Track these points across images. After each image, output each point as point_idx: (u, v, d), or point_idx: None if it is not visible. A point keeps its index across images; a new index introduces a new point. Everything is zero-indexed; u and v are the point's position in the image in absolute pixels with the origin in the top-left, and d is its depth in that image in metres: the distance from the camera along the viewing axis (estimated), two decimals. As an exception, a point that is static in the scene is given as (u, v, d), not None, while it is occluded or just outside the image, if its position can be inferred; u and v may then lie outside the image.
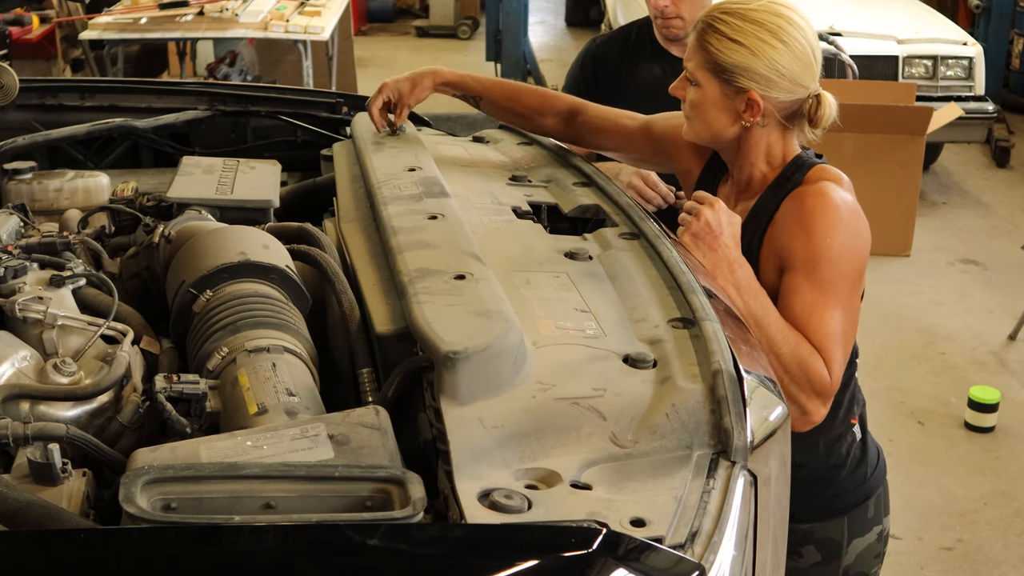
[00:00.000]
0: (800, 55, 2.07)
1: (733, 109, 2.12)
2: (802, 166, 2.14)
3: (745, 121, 2.11)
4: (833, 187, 2.09)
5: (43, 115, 2.87)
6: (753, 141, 2.14)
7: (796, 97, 2.10)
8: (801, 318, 2.01)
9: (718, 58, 2.09)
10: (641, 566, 1.20)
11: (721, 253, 2.03)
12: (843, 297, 2.04)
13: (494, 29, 8.54)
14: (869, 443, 2.30)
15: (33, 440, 1.50)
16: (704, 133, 2.18)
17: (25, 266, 1.92)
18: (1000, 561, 3.74)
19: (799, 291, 2.03)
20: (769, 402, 1.63)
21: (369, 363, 1.74)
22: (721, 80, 2.10)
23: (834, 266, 2.03)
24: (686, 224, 2.06)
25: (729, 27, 2.08)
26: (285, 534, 1.22)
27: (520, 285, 1.77)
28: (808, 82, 2.09)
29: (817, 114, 2.11)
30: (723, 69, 2.09)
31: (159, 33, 6.45)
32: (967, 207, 6.94)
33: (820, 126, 2.13)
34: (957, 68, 6.69)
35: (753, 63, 2.06)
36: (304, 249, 2.02)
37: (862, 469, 2.26)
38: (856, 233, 2.08)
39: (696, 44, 2.13)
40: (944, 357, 5.07)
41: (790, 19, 2.09)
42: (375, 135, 2.48)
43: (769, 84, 2.08)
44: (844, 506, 2.26)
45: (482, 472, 1.37)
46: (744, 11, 2.09)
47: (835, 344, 2.02)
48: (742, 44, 2.07)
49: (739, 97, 2.10)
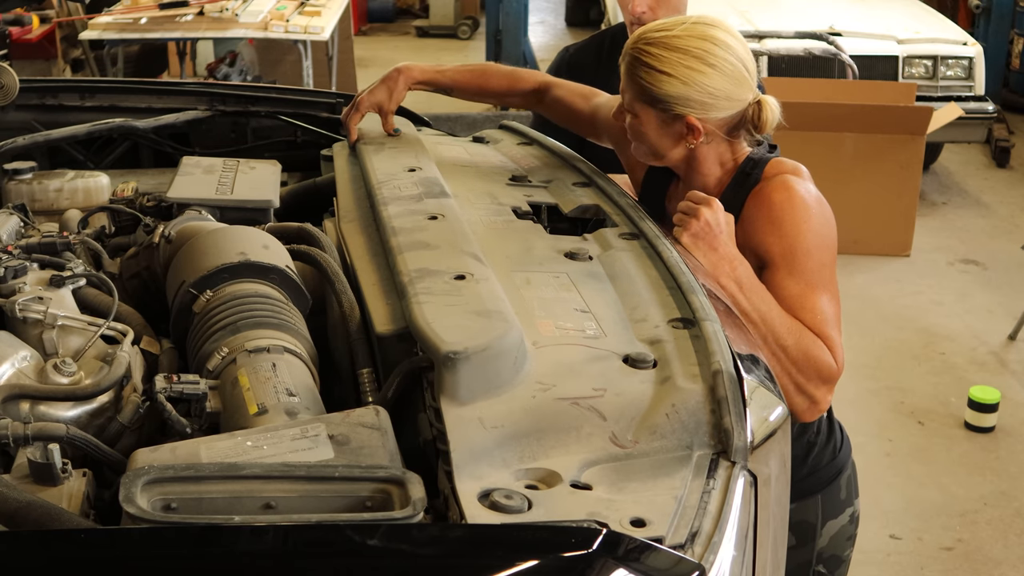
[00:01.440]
0: (731, 74, 2.07)
1: (675, 133, 2.12)
2: (758, 163, 2.15)
3: (689, 143, 2.12)
4: (794, 179, 2.11)
5: (43, 115, 2.87)
6: (702, 156, 2.16)
7: (736, 111, 2.11)
8: (792, 311, 2.04)
9: (651, 91, 2.08)
10: (641, 566, 1.20)
11: (722, 252, 2.03)
12: (826, 282, 2.07)
13: (494, 29, 8.54)
14: (834, 422, 2.32)
15: (33, 440, 1.50)
16: (651, 157, 2.20)
17: (25, 266, 1.92)
18: (1000, 561, 3.74)
19: (784, 285, 2.06)
20: (769, 402, 1.63)
21: (369, 363, 1.74)
22: (658, 109, 2.10)
23: (812, 256, 2.06)
24: (684, 224, 2.06)
25: (655, 59, 2.07)
26: (285, 534, 1.22)
27: (520, 285, 1.77)
28: (744, 94, 2.09)
29: (760, 120, 2.11)
30: (657, 100, 2.09)
31: (159, 33, 6.46)
32: (967, 207, 6.94)
33: (765, 130, 2.13)
34: (957, 68, 6.69)
35: (685, 91, 2.06)
36: (304, 249, 2.02)
37: (831, 444, 2.29)
38: (825, 220, 2.11)
39: (627, 77, 2.13)
40: (944, 357, 5.07)
41: (715, 39, 2.07)
42: (375, 135, 2.48)
43: (705, 107, 2.08)
44: (817, 484, 2.27)
45: (482, 472, 1.37)
46: (667, 39, 2.08)
47: (831, 328, 2.05)
48: (671, 75, 2.06)
49: (678, 123, 2.10)
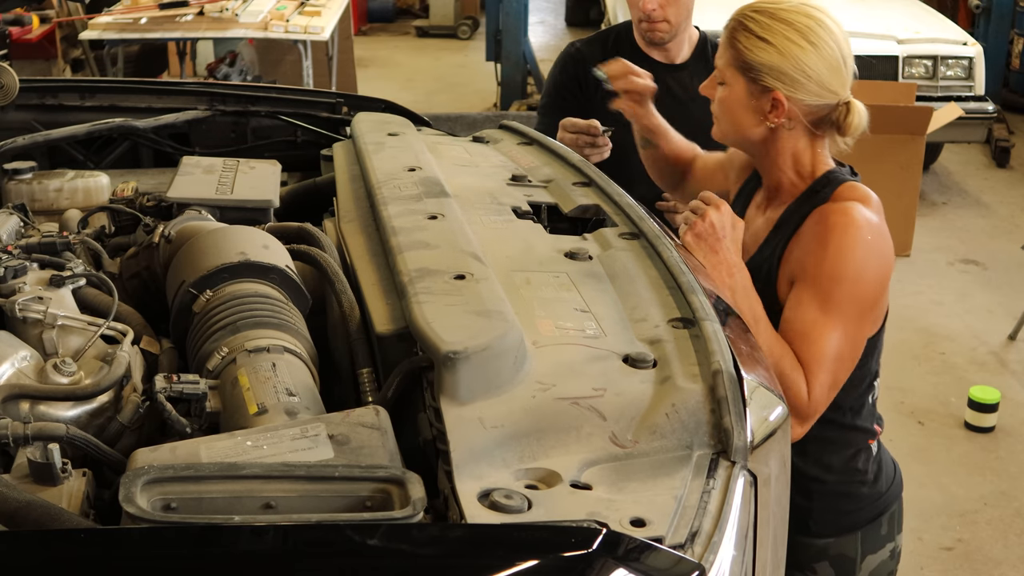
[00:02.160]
0: (828, 58, 2.05)
1: (759, 109, 2.10)
2: (832, 181, 2.11)
3: (770, 121, 2.09)
4: (859, 207, 2.05)
5: (43, 115, 2.87)
6: (780, 145, 2.12)
7: (823, 102, 2.07)
8: (799, 333, 1.99)
9: (745, 56, 2.07)
10: (641, 566, 1.20)
11: (721, 256, 2.02)
12: (847, 320, 2.00)
13: (494, 29, 8.54)
14: (885, 459, 2.28)
15: (33, 440, 1.50)
16: (731, 133, 2.17)
17: (25, 266, 1.92)
18: (1000, 561, 3.74)
19: (803, 305, 2.01)
20: (769, 402, 1.63)
21: (369, 363, 1.74)
22: (748, 79, 2.08)
23: (844, 286, 2.00)
24: (690, 223, 2.05)
25: (758, 25, 2.07)
26: (285, 534, 1.22)
27: (520, 285, 1.77)
28: (836, 88, 2.07)
29: (846, 122, 2.08)
30: (750, 67, 2.07)
31: (159, 33, 6.46)
32: (967, 207, 6.94)
33: (849, 135, 2.10)
34: (957, 68, 6.69)
35: (780, 62, 2.05)
36: (304, 249, 2.02)
37: (879, 484, 2.25)
38: (874, 255, 2.04)
39: (726, 42, 2.12)
40: (944, 357, 5.07)
41: (821, 21, 2.06)
42: (375, 135, 2.48)
43: (795, 85, 2.05)
44: (859, 521, 2.24)
45: (482, 472, 1.37)
46: (775, 10, 2.07)
47: (823, 367, 1.99)
48: (770, 43, 2.05)
49: (764, 96, 2.08)
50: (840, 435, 2.19)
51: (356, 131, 2.53)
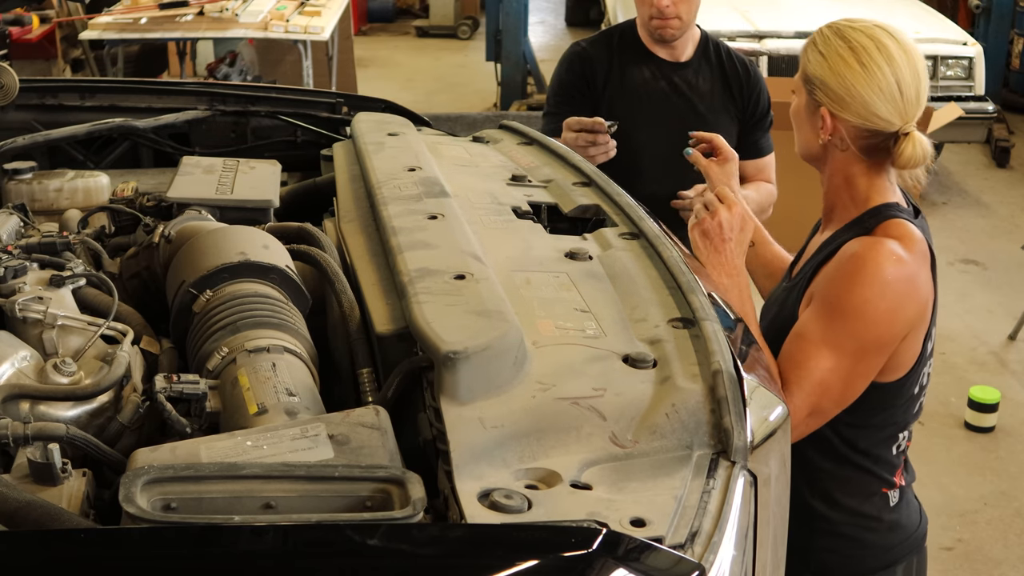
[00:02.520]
0: (879, 85, 1.98)
1: (813, 123, 2.08)
2: (881, 215, 2.03)
3: (820, 137, 2.06)
4: (892, 244, 1.97)
5: (43, 115, 2.87)
6: (834, 164, 2.08)
7: (870, 127, 2.00)
8: (791, 353, 1.96)
9: (805, 68, 2.07)
10: (641, 566, 1.20)
11: (724, 256, 2.01)
12: (842, 353, 1.94)
13: (494, 29, 8.53)
14: (906, 511, 2.16)
15: (33, 440, 1.50)
16: (798, 143, 2.16)
17: (25, 266, 1.92)
18: (1000, 561, 3.74)
19: (805, 328, 1.97)
20: (769, 402, 1.64)
21: (369, 363, 1.74)
22: (807, 90, 2.08)
23: (847, 320, 1.94)
24: (700, 218, 2.04)
25: (822, 39, 2.06)
26: (285, 534, 1.22)
27: (520, 285, 1.77)
28: (885, 115, 1.98)
29: (897, 151, 1.99)
30: (808, 79, 2.07)
31: (159, 33, 6.46)
32: (967, 207, 6.94)
33: (901, 166, 2.01)
34: (957, 68, 6.69)
35: (827, 77, 2.02)
36: (304, 249, 2.02)
37: (892, 535, 2.15)
38: (889, 298, 1.95)
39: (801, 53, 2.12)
40: (944, 357, 5.07)
41: (883, 45, 1.99)
42: (375, 135, 2.48)
43: (839, 103, 2.01)
44: (868, 568, 2.15)
45: (482, 472, 1.37)
46: (843, 27, 2.05)
47: (801, 390, 1.93)
48: (823, 57, 2.04)
49: (817, 111, 2.06)
50: (854, 475, 2.11)
51: (356, 131, 2.53)
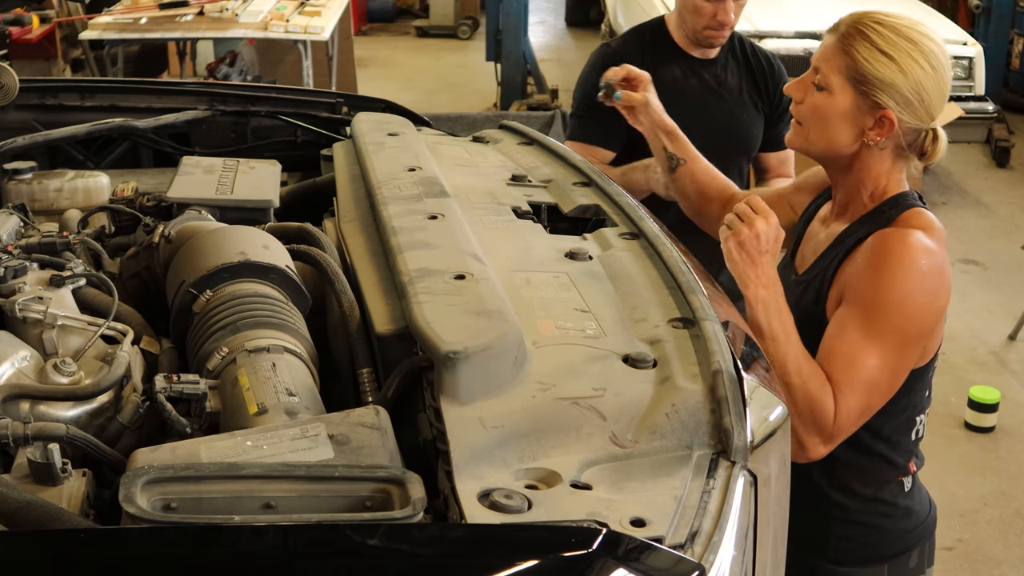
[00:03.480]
0: (942, 83, 2.00)
1: (860, 124, 2.02)
2: (900, 204, 2.05)
3: (869, 139, 2.02)
4: (920, 235, 1.99)
5: (43, 115, 2.87)
6: (867, 163, 2.06)
7: (922, 126, 2.02)
8: (836, 353, 1.95)
9: (863, 67, 1.98)
10: (641, 566, 1.20)
11: (760, 269, 1.97)
12: (887, 348, 1.95)
13: (494, 29, 8.53)
14: (918, 498, 2.19)
15: (33, 440, 1.50)
16: (820, 143, 2.08)
17: (25, 266, 1.92)
18: (1000, 561, 3.74)
19: (846, 327, 1.96)
20: (769, 402, 1.63)
21: (369, 363, 1.74)
22: (859, 91, 2.00)
23: (889, 315, 1.94)
24: (735, 229, 1.99)
25: (883, 38, 1.98)
26: (285, 534, 1.22)
27: (520, 285, 1.77)
28: (936, 112, 2.02)
29: (932, 147, 2.04)
30: (865, 80, 1.99)
31: (159, 33, 6.46)
32: (967, 207, 6.94)
33: (931, 161, 2.06)
34: (957, 68, 6.68)
35: (900, 81, 1.97)
36: (304, 249, 2.02)
37: (907, 521, 2.17)
38: (927, 287, 1.98)
39: (838, 48, 2.02)
40: (944, 357, 5.05)
41: (940, 45, 2.01)
42: (375, 135, 2.48)
43: (907, 106, 1.99)
44: (883, 554, 2.17)
45: (482, 472, 1.37)
46: (898, 26, 1.99)
47: (854, 391, 1.94)
48: (893, 59, 1.97)
49: (872, 113, 2.00)
50: (872, 464, 2.13)
51: (356, 131, 2.53)
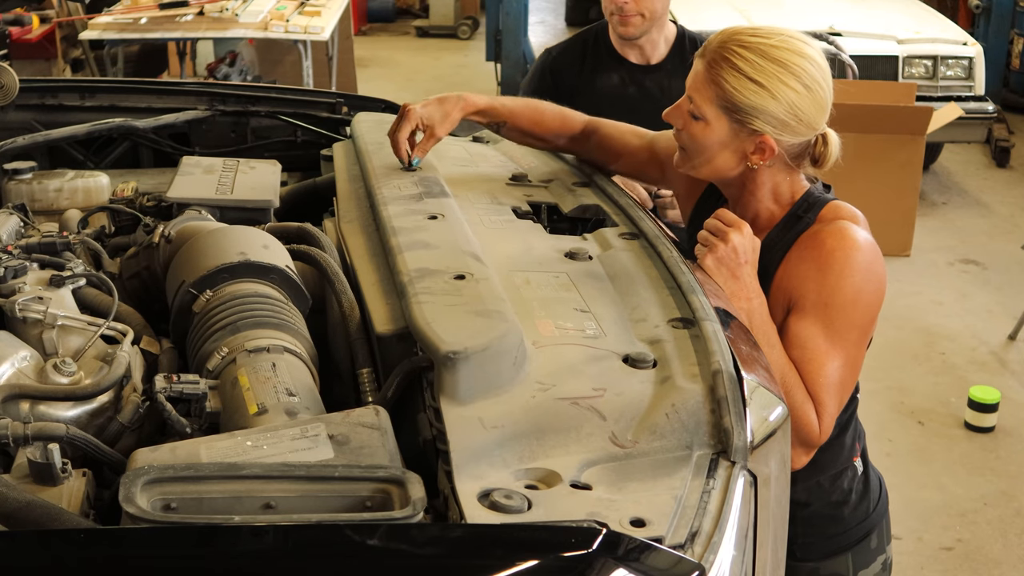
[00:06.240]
0: (819, 100, 1.96)
1: (741, 150, 1.99)
2: (814, 204, 2.03)
3: (752, 163, 2.00)
4: (852, 227, 1.98)
5: (43, 115, 2.88)
6: (759, 181, 2.04)
7: (807, 139, 2.00)
8: (802, 362, 1.94)
9: (733, 97, 1.94)
10: (641, 566, 1.20)
11: (742, 281, 1.95)
12: (849, 345, 1.95)
13: (494, 29, 8.53)
14: (871, 476, 2.22)
15: (33, 440, 1.50)
16: (704, 169, 2.05)
17: (25, 266, 1.92)
18: (1000, 561, 3.74)
19: (805, 334, 1.95)
20: (769, 402, 1.63)
21: (369, 363, 1.74)
22: (733, 119, 1.96)
23: (846, 312, 1.94)
24: (710, 246, 1.96)
25: (749, 65, 1.93)
26: (285, 534, 1.22)
27: (520, 285, 1.77)
28: (821, 123, 1.99)
29: (822, 153, 2.01)
30: (737, 109, 1.95)
31: (159, 33, 6.45)
32: (967, 207, 6.94)
33: (824, 166, 2.02)
34: (957, 68, 6.69)
35: (773, 107, 1.93)
36: (304, 249, 2.03)
37: (864, 504, 2.19)
38: (872, 276, 1.98)
39: (706, 77, 1.97)
40: (944, 357, 5.07)
41: (812, 59, 1.96)
42: (375, 135, 2.48)
43: (785, 128, 1.95)
44: (847, 543, 2.19)
45: (482, 472, 1.37)
46: (765, 47, 1.94)
47: (831, 395, 1.94)
48: (763, 86, 1.93)
49: (750, 139, 1.97)
50: (827, 455, 2.11)
51: (356, 131, 2.54)
